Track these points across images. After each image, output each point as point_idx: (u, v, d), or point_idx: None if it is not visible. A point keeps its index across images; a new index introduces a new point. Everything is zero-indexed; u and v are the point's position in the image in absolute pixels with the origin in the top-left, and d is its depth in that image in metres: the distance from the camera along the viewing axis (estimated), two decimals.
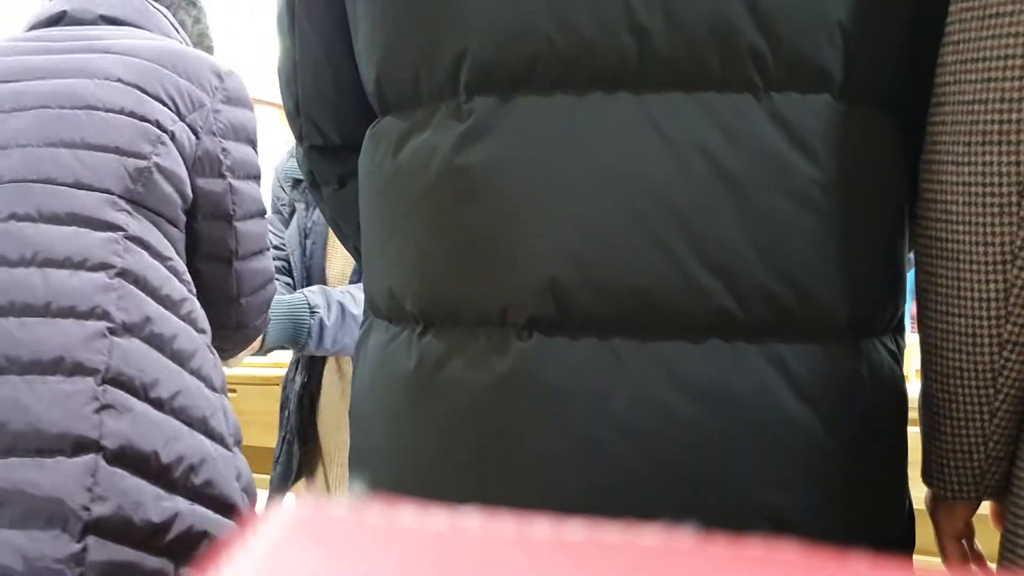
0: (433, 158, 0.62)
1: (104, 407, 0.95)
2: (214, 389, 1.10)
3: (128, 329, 1.00)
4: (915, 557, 0.73)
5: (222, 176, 1.14)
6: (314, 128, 0.79)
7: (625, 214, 0.57)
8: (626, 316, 0.58)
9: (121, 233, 1.03)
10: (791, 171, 0.57)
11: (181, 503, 0.99)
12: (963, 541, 0.69)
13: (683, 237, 0.57)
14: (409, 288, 0.64)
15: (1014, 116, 0.53)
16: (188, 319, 1.08)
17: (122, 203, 1.05)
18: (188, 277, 1.11)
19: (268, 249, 1.24)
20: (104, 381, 0.96)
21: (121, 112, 1.07)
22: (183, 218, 1.13)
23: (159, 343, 1.02)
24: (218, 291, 1.18)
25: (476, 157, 0.60)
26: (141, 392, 0.99)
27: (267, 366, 2.53)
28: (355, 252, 0.87)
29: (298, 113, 0.79)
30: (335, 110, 0.77)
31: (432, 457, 0.62)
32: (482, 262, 0.60)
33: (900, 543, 0.67)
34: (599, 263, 0.58)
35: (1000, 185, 0.54)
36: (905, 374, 0.77)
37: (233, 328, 1.22)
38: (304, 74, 0.77)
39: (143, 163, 1.06)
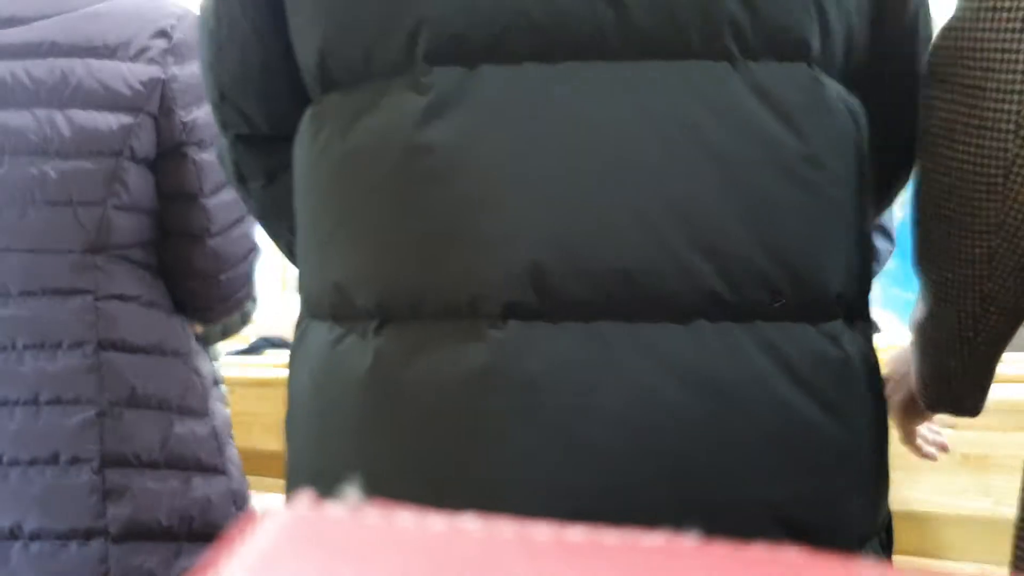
0: (392, 137, 0.57)
1: (105, 494, 1.00)
2: (203, 413, 1.11)
3: (115, 404, 1.02)
4: (913, 558, 0.74)
5: (183, 155, 1.07)
6: (239, 116, 0.73)
7: (609, 193, 0.54)
8: (612, 301, 0.55)
9: (91, 296, 1.02)
10: (777, 145, 0.56)
11: (185, 555, 1.04)
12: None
13: (672, 217, 0.54)
14: (363, 280, 0.59)
15: (1006, 107, 0.56)
16: (170, 350, 1.09)
17: (87, 259, 1.02)
18: (164, 297, 1.10)
19: (247, 216, 1.14)
20: (102, 467, 1.00)
21: (68, 155, 1.01)
22: (155, 235, 1.09)
23: (146, 403, 1.04)
24: (196, 270, 1.13)
25: (441, 133, 0.56)
26: (136, 462, 1.03)
27: (266, 367, 2.52)
28: (289, 253, 0.80)
29: (223, 100, 0.74)
30: (263, 95, 0.71)
31: (395, 466, 0.57)
32: (451, 248, 0.56)
33: (888, 534, 0.66)
34: (583, 245, 0.54)
35: (989, 167, 0.58)
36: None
37: (217, 302, 1.17)
38: (230, 56, 0.71)
39: (99, 210, 1.02)
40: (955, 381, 0.70)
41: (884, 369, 0.90)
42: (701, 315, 0.55)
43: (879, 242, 1.99)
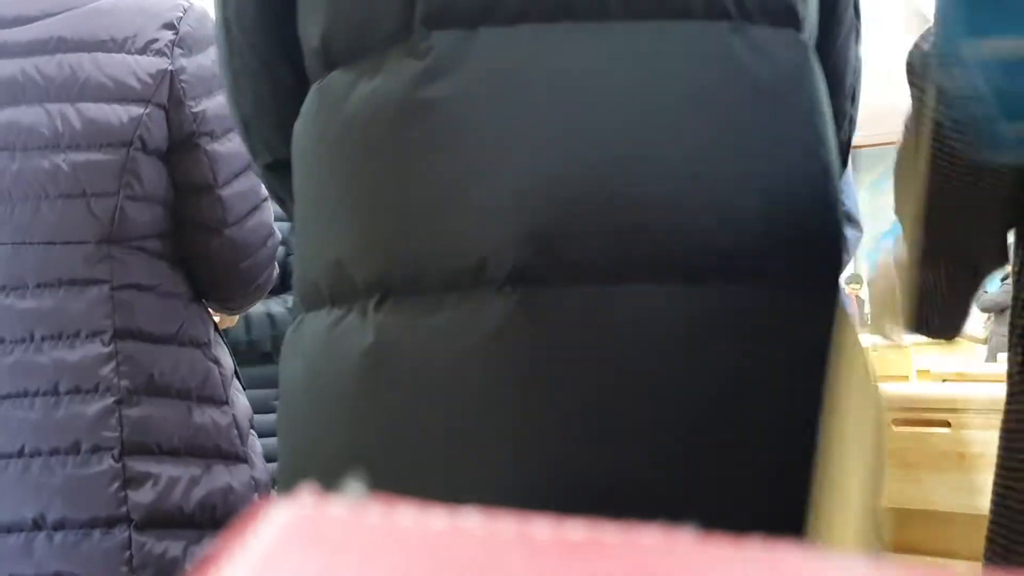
0: (389, 98, 0.57)
1: (126, 482, 1.02)
2: (223, 402, 1.11)
3: (134, 392, 1.03)
4: (907, 555, 0.75)
5: (195, 146, 1.08)
6: (263, 144, 0.74)
7: (612, 154, 0.54)
8: (622, 262, 0.54)
9: (107, 286, 1.03)
10: (779, 104, 0.57)
11: (207, 543, 1.06)
12: None
13: (680, 177, 0.54)
14: (363, 253, 0.58)
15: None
16: (188, 340, 1.10)
17: (102, 250, 1.03)
18: (182, 287, 1.11)
19: (263, 201, 1.16)
20: (122, 455, 1.02)
21: (80, 148, 1.01)
22: (171, 226, 1.10)
23: (166, 391, 1.06)
24: (215, 260, 1.14)
25: (439, 93, 0.55)
26: (156, 450, 1.05)
27: None
28: None
29: (247, 130, 0.75)
30: (277, 119, 0.71)
31: (401, 445, 0.55)
32: (453, 212, 0.55)
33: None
34: (588, 207, 0.53)
35: (958, 164, 0.61)
36: (905, 373, 0.82)
37: (237, 290, 1.18)
38: (245, 85, 0.72)
39: (112, 201, 1.03)
40: (931, 321, 0.78)
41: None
42: (716, 275, 0.54)
43: (847, 231, 1.99)
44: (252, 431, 1.17)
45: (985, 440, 1.53)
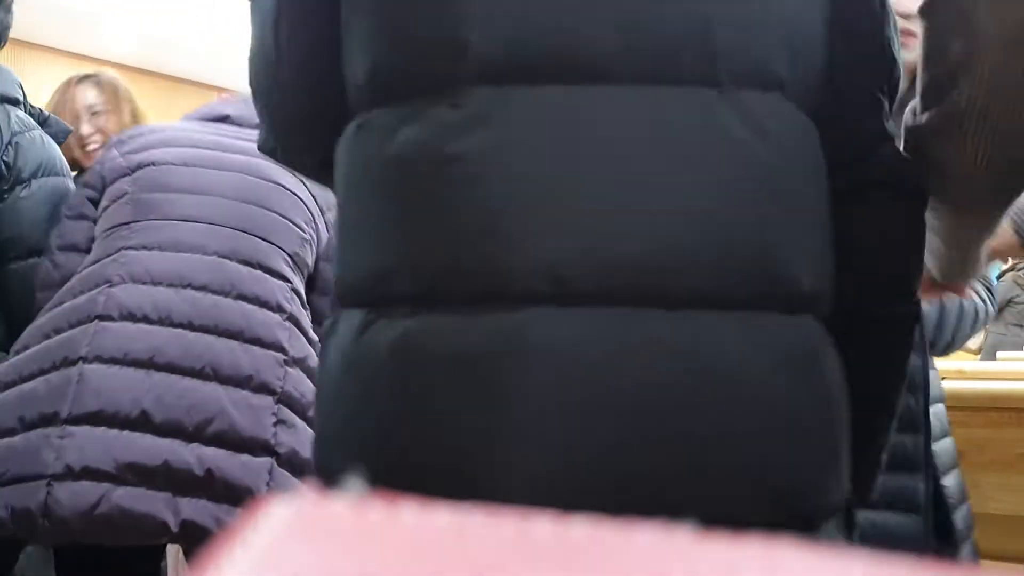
0: (429, 146, 0.65)
1: (279, 421, 1.26)
2: None
3: (296, 362, 1.31)
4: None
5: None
6: (305, 144, 0.83)
7: (619, 198, 0.63)
8: (616, 291, 0.62)
9: (288, 284, 1.37)
10: (758, 162, 0.64)
11: None
12: None
13: (672, 221, 0.63)
14: (402, 269, 0.66)
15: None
16: (313, 337, 1.37)
17: (290, 260, 1.39)
18: (309, 322, 1.40)
19: None
20: (279, 401, 1.27)
21: (291, 192, 1.43)
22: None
23: (311, 373, 1.31)
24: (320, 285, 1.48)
25: (471, 145, 0.64)
26: (301, 412, 1.28)
27: None
28: None
29: (287, 129, 0.84)
30: (310, 136, 0.80)
31: (416, 423, 0.63)
32: (479, 243, 0.64)
33: (850, 517, 0.71)
34: (596, 244, 0.62)
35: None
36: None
37: None
38: (288, 98, 0.80)
39: (304, 235, 1.43)
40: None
41: None
42: (690, 305, 0.62)
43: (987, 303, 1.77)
44: None
45: (982, 438, 1.53)
